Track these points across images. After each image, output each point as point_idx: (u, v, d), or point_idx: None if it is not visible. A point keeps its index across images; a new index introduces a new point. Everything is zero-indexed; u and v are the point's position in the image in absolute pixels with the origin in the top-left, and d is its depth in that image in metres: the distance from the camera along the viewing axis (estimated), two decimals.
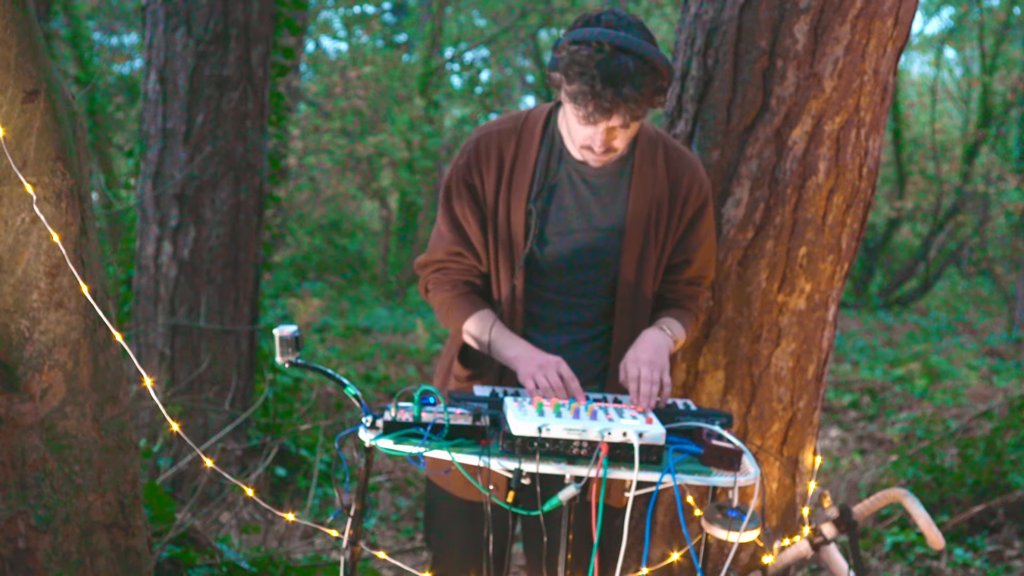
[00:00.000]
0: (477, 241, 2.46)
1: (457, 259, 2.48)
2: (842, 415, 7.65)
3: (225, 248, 4.97)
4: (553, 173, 2.43)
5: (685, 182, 2.46)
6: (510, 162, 2.43)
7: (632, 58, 2.17)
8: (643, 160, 2.43)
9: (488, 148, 2.44)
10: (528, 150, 2.43)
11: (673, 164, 2.46)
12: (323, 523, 2.47)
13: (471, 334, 2.44)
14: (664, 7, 13.40)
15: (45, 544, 2.32)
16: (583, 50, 2.18)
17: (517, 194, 2.42)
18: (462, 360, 2.54)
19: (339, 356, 8.79)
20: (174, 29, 4.86)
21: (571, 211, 2.43)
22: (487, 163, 2.43)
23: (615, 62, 2.16)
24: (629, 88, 2.17)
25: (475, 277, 2.49)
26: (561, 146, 2.43)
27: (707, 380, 2.87)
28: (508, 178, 2.43)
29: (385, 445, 2.02)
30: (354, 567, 2.12)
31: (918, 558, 4.60)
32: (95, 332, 2.35)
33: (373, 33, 18.10)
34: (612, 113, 2.20)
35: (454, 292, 2.48)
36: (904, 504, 2.61)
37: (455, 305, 2.47)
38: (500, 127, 2.47)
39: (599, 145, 2.27)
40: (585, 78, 2.17)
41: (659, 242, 2.45)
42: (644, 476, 1.95)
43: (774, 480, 2.93)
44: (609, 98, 2.17)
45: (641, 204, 2.42)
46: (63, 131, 2.26)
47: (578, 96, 2.19)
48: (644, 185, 2.43)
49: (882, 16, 2.73)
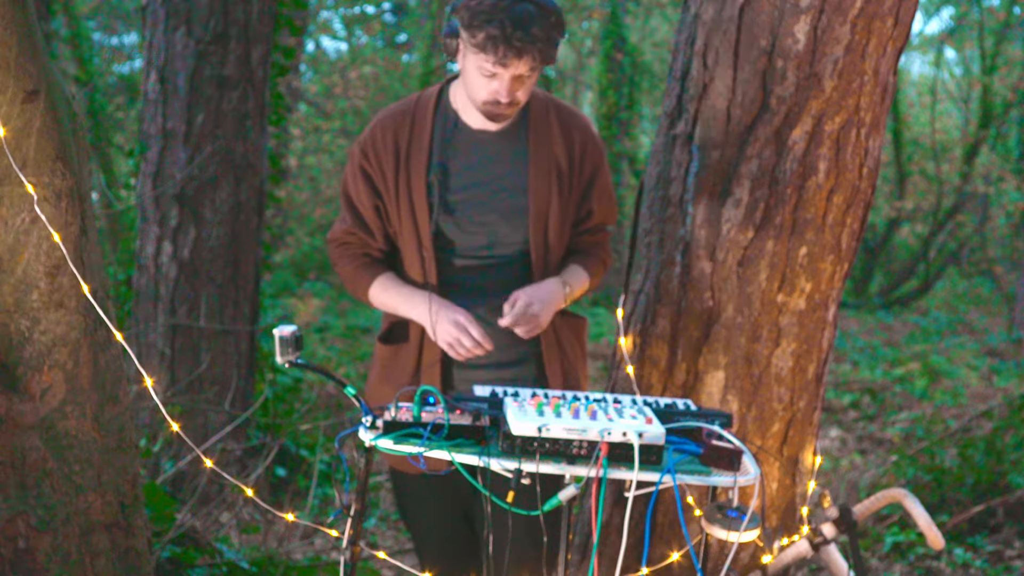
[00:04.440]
0: (373, 224, 2.61)
1: (354, 237, 2.64)
2: (842, 415, 7.64)
3: (225, 248, 4.97)
4: (449, 145, 2.55)
5: (578, 139, 2.59)
6: (406, 143, 2.55)
7: (532, 5, 2.33)
8: (537, 122, 2.55)
9: (384, 132, 2.57)
10: (422, 128, 2.55)
11: (566, 123, 2.59)
12: (323, 523, 2.47)
13: (378, 299, 2.61)
14: (664, 7, 13.40)
15: (45, 544, 2.32)
16: (486, 1, 2.31)
17: (416, 170, 2.54)
18: (383, 338, 2.69)
19: (339, 356, 8.79)
20: (174, 29, 4.86)
21: (474, 179, 2.55)
22: (383, 148, 2.56)
23: (519, 8, 2.31)
24: (537, 29, 2.31)
25: (373, 251, 2.65)
26: (455, 119, 2.55)
27: (707, 380, 2.87)
28: (406, 158, 2.55)
29: (385, 445, 2.02)
30: (354, 567, 2.12)
31: (918, 558, 4.60)
32: (95, 332, 2.35)
33: (373, 33, 18.10)
34: (523, 53, 2.32)
35: (355, 263, 2.65)
36: (904, 504, 2.61)
37: (358, 275, 2.64)
38: (394, 111, 2.61)
39: (505, 94, 2.38)
40: (494, 22, 2.29)
41: (563, 199, 2.58)
42: (644, 476, 1.95)
43: (774, 480, 2.93)
44: (519, 38, 2.30)
45: (542, 164, 2.54)
46: (63, 131, 2.26)
47: (487, 43, 2.31)
48: (542, 146, 2.55)
49: (882, 16, 2.73)
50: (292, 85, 11.85)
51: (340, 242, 2.67)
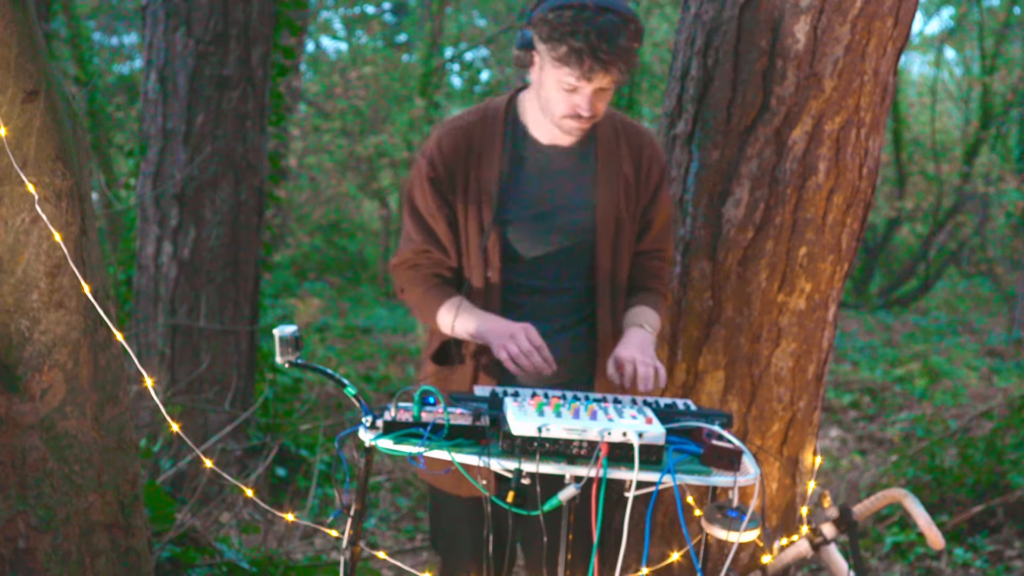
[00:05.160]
0: (446, 238, 2.49)
1: (426, 256, 2.51)
2: (842, 415, 7.64)
3: (225, 248, 4.97)
4: (519, 159, 2.46)
5: (646, 155, 2.51)
6: (475, 154, 2.46)
7: (615, 15, 2.23)
8: (606, 138, 2.48)
9: (452, 142, 2.46)
10: (492, 140, 2.46)
11: (632, 139, 2.51)
12: (323, 523, 2.47)
13: (444, 322, 2.47)
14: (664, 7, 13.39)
15: (45, 544, 2.32)
16: (567, 12, 2.22)
17: (485, 182, 2.45)
18: (435, 358, 2.56)
19: (339, 356, 8.79)
20: (174, 29, 4.86)
21: (541, 195, 2.46)
22: (451, 157, 2.46)
23: (603, 19, 2.22)
24: (623, 40, 2.23)
25: (445, 270, 2.52)
26: (525, 132, 2.47)
27: (707, 380, 2.87)
28: (476, 168, 2.45)
29: (385, 445, 2.02)
30: (354, 567, 2.12)
31: (918, 558, 4.60)
32: (95, 332, 2.35)
33: (373, 33, 18.10)
34: (609, 66, 2.24)
35: (425, 286, 2.51)
36: (904, 504, 2.61)
37: (427, 298, 2.50)
38: (462, 121, 2.50)
39: (587, 108, 2.30)
40: (578, 36, 2.20)
41: (629, 216, 2.50)
42: (644, 476, 1.95)
43: (774, 480, 2.93)
44: (605, 51, 2.21)
45: (610, 181, 2.47)
46: (63, 131, 2.26)
47: (572, 57, 2.22)
48: (611, 162, 2.47)
49: (882, 16, 2.73)
50: (292, 85, 11.85)
51: (410, 264, 2.52)
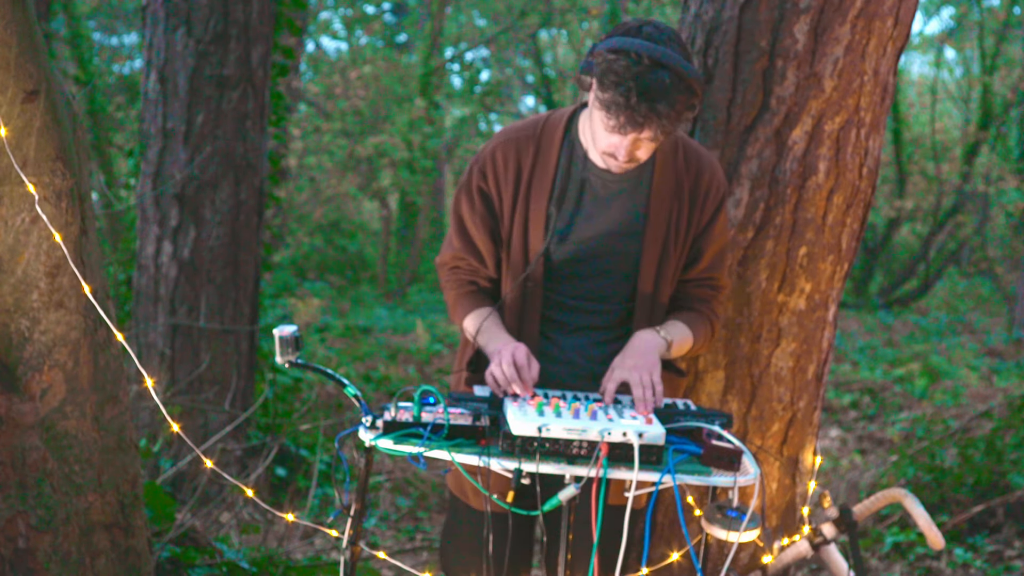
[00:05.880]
0: (485, 249, 2.47)
1: (463, 262, 2.51)
2: (842, 415, 7.65)
3: (225, 248, 4.97)
4: (574, 179, 2.42)
5: (705, 181, 2.44)
6: (528, 169, 2.42)
7: (669, 74, 2.14)
8: (664, 164, 2.41)
9: (507, 155, 2.42)
10: (548, 156, 2.42)
11: (692, 164, 2.44)
12: (323, 523, 2.47)
13: (468, 331, 2.47)
14: (664, 7, 13.40)
15: (45, 544, 2.32)
16: (621, 60, 2.14)
17: (537, 200, 2.41)
18: (469, 365, 2.55)
19: (339, 356, 8.79)
20: (174, 29, 4.86)
21: (591, 217, 2.42)
22: (505, 171, 2.42)
23: (652, 76, 2.13)
24: (664, 104, 2.14)
25: (481, 279, 2.51)
26: (582, 152, 2.41)
27: (707, 380, 2.87)
28: (527, 184, 2.42)
29: (385, 445, 2.02)
30: (354, 567, 2.12)
31: (918, 558, 4.60)
32: (95, 332, 2.35)
33: (373, 33, 18.10)
34: (644, 127, 2.17)
35: (459, 291, 2.52)
36: (904, 504, 2.61)
37: (458, 304, 2.51)
38: (519, 134, 2.45)
39: (623, 155, 2.25)
40: (621, 88, 2.13)
41: (678, 245, 2.44)
42: (644, 476, 1.95)
43: (774, 480, 2.93)
44: (643, 112, 2.14)
45: (661, 210, 2.41)
46: (63, 131, 2.26)
47: (611, 105, 2.16)
48: (664, 189, 2.41)
49: (882, 16, 2.73)
50: (292, 85, 11.84)
51: (450, 266, 2.54)
